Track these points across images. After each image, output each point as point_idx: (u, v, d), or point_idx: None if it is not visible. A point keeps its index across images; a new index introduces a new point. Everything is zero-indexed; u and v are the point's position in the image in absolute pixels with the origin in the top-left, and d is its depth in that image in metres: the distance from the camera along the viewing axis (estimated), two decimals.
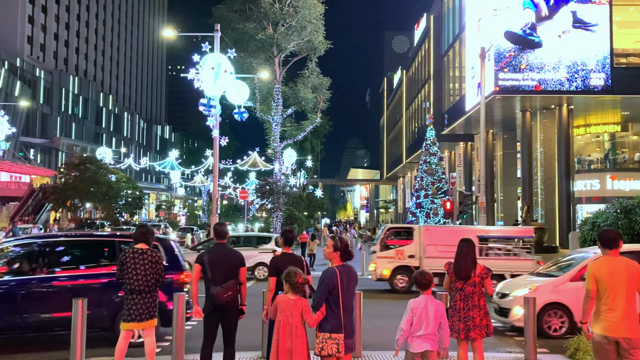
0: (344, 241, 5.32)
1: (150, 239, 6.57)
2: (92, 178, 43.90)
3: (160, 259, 6.53)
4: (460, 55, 36.63)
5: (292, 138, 37.48)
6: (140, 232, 6.56)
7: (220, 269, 6.24)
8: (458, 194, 21.28)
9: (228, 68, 22.73)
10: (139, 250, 6.35)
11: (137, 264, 6.29)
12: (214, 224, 21.48)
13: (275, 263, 6.35)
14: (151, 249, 6.50)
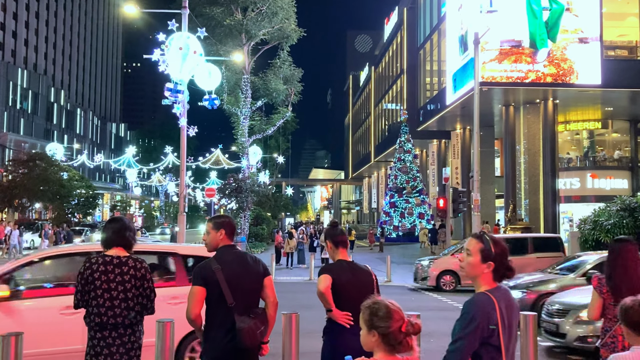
0: (500, 245, 2.97)
1: (130, 239, 4.13)
2: (42, 176, 40.64)
3: (148, 272, 4.08)
4: (439, 47, 35.07)
5: (261, 133, 35.13)
6: (113, 230, 4.09)
7: (241, 287, 3.90)
8: (452, 190, 19.52)
9: (198, 49, 20.33)
10: (113, 260, 3.98)
11: (110, 281, 3.90)
12: (179, 224, 19.01)
13: (337, 283, 4.12)
14: (133, 256, 4.11)
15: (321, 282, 4.12)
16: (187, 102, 21.28)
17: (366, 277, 4.24)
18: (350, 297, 3.97)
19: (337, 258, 4.31)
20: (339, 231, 4.38)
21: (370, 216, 71.69)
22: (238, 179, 32.38)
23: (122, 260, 3.96)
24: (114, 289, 3.87)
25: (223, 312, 3.82)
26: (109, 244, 4.05)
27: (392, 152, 48.97)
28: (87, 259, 3.98)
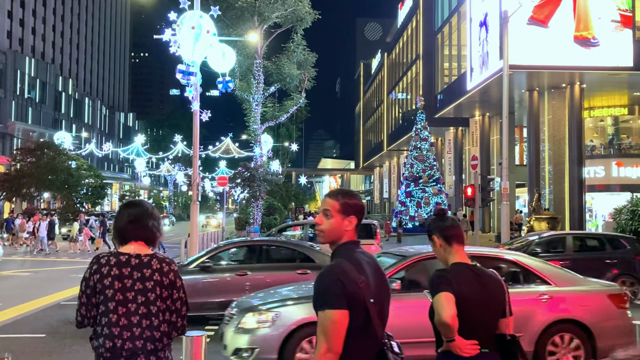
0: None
1: (155, 231, 2.93)
2: (50, 164, 39.83)
3: (178, 277, 2.90)
4: (459, 30, 33.75)
5: (273, 120, 34.04)
6: (131, 217, 2.89)
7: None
8: (480, 178, 18.40)
9: (211, 29, 19.22)
10: (131, 260, 2.83)
11: (126, 290, 2.77)
12: (192, 214, 17.98)
13: (459, 298, 2.82)
14: (158, 254, 2.92)
15: (444, 306, 2.78)
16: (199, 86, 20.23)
17: (497, 288, 2.96)
18: (477, 317, 2.82)
19: (453, 260, 3.00)
20: (450, 221, 3.10)
21: (381, 206, 70.60)
22: (250, 167, 31.35)
23: (143, 261, 2.79)
24: (132, 301, 2.73)
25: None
26: (124, 236, 2.86)
27: (406, 140, 47.77)
28: (95, 258, 2.85)
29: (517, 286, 6.84)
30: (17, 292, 13.24)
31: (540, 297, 6.74)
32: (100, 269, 2.76)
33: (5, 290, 13.59)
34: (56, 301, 11.74)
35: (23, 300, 11.85)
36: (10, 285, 14.74)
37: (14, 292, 13.24)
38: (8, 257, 22.41)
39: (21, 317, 9.99)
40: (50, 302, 11.66)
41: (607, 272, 12.53)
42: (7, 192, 39.66)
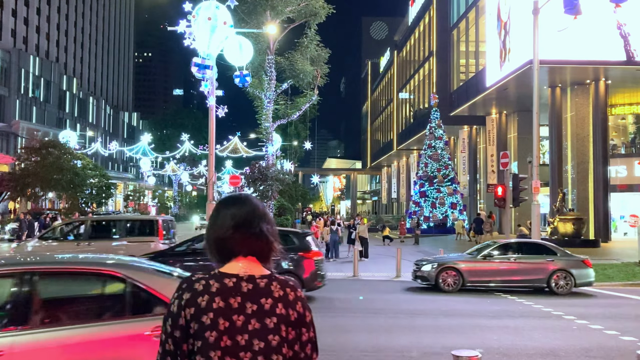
0: None
1: (270, 239, 1.93)
2: (56, 164, 38.92)
3: (307, 308, 1.91)
4: (477, 25, 32.83)
5: (285, 117, 33.15)
6: (237, 221, 1.90)
7: None
8: (512, 177, 17.48)
9: (228, 20, 18.37)
10: (241, 285, 1.85)
11: (236, 330, 1.79)
12: (209, 211, 17.12)
13: None
14: (277, 275, 1.93)
15: None
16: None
17: None
18: None
19: None
20: None
21: (389, 206, 69.69)
22: (262, 166, 30.45)
23: (259, 286, 1.86)
24: (246, 348, 1.78)
25: None
26: (227, 249, 1.91)
27: (418, 139, 46.87)
28: (186, 282, 1.89)
29: None
30: None
31: None
32: (195, 300, 1.82)
33: None
34: None
35: None
36: None
37: None
38: None
39: None
40: None
41: None
42: (12, 192, 38.81)
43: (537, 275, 13.85)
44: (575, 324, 10.21)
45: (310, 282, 11.92)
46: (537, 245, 15.17)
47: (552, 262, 13.95)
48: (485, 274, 14.00)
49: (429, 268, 14.21)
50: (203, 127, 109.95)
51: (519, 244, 15.48)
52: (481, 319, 10.65)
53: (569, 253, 14.62)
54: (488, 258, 14.23)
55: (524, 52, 25.17)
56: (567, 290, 13.72)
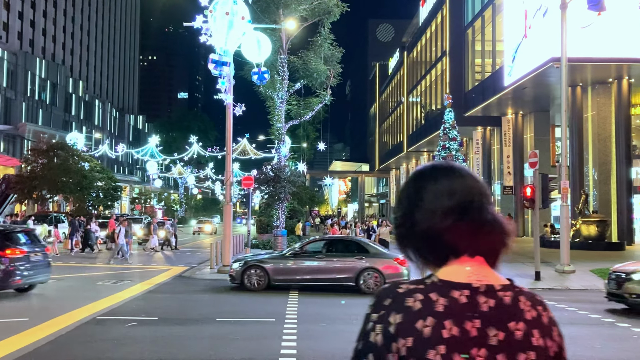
0: None
1: (507, 229, 1.23)
2: (63, 166, 38.41)
3: (562, 335, 1.21)
4: (494, 24, 32.17)
5: (298, 118, 32.48)
6: (459, 202, 1.22)
7: None
8: (541, 177, 16.80)
9: (246, 15, 17.77)
10: (478, 298, 1.18)
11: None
12: (225, 216, 16.46)
13: None
14: (519, 287, 1.21)
15: None
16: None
17: None
18: None
19: None
20: None
21: None
22: (275, 167, 29.80)
23: (502, 302, 1.17)
24: None
25: None
26: (446, 247, 1.23)
27: (429, 141, 46.13)
28: (391, 293, 1.19)
29: None
30: (43, 304, 11.78)
31: None
32: (413, 326, 1.14)
33: (34, 300, 12.12)
34: (90, 315, 10.23)
35: (51, 313, 10.35)
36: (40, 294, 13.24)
37: (41, 304, 11.78)
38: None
39: (55, 337, 8.46)
40: (83, 316, 10.15)
41: None
42: (19, 194, 38.31)
43: (346, 274, 13.81)
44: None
45: None
46: (350, 243, 15.23)
47: (362, 260, 13.88)
48: (292, 272, 14.12)
49: (236, 266, 14.22)
50: (209, 130, 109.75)
51: (332, 241, 15.59)
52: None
53: (382, 251, 14.58)
54: (298, 256, 14.31)
55: (544, 50, 24.52)
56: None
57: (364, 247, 14.47)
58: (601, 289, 15.21)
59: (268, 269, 13.89)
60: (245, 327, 9.49)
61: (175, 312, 10.91)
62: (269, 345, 8.10)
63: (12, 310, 10.97)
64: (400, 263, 13.89)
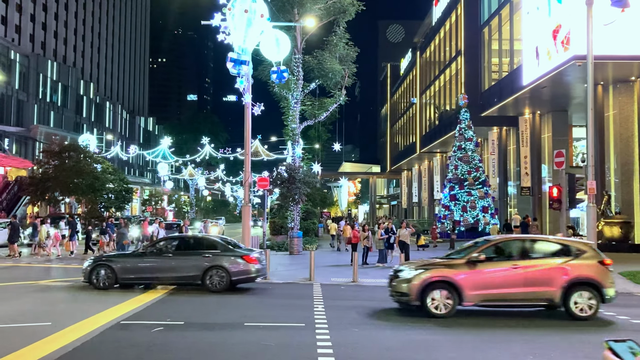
0: None
1: None
2: (75, 167, 38.23)
3: None
4: (511, 22, 31.69)
5: (312, 119, 32.17)
6: None
7: None
8: (568, 177, 16.37)
9: (265, 13, 17.47)
10: None
11: None
12: (244, 217, 16.15)
13: None
14: None
15: None
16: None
17: None
18: None
19: None
20: None
21: (410, 211, 68.43)
22: (290, 168, 29.48)
23: None
24: None
25: None
26: None
27: (443, 142, 45.68)
28: None
29: None
30: (65, 308, 11.49)
31: None
32: None
33: (51, 305, 11.83)
34: (114, 320, 9.92)
35: (74, 317, 10.05)
36: (56, 298, 12.96)
37: (63, 307, 11.49)
38: None
39: (81, 343, 8.15)
40: (107, 320, 9.84)
41: None
42: (32, 196, 38.20)
43: (193, 272, 13.82)
44: None
45: None
46: (200, 241, 15.18)
47: (209, 258, 13.91)
48: (140, 271, 14.23)
49: (86, 265, 14.35)
50: (219, 132, 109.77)
51: (183, 239, 15.67)
52: None
53: (232, 249, 14.44)
54: (147, 255, 14.51)
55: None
56: (223, 286, 13.68)
57: (213, 245, 14.53)
58: (634, 292, 14.79)
59: (116, 268, 14.05)
60: (276, 333, 9.14)
61: (200, 316, 10.58)
62: (306, 353, 7.75)
63: (33, 314, 10.69)
64: (248, 260, 14.02)
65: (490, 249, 11.27)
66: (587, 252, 11.01)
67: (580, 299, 10.59)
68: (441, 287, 10.66)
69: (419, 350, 8.12)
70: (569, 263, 10.84)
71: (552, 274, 10.67)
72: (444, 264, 11.18)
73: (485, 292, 10.69)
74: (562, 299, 10.58)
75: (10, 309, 11.13)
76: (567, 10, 23.53)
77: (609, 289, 10.67)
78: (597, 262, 10.88)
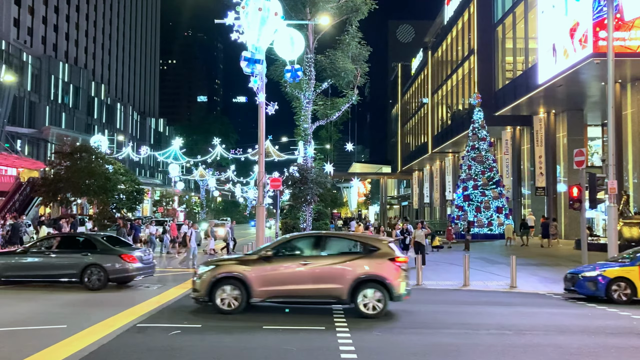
0: None
1: None
2: (87, 168, 38.21)
3: None
4: (526, 20, 31.31)
5: (324, 119, 31.89)
6: None
7: None
8: (588, 176, 16.04)
9: (279, 11, 17.25)
10: None
11: None
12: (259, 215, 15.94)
13: None
14: None
15: None
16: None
17: None
18: None
19: None
20: None
21: (421, 211, 68.03)
22: (303, 168, 29.28)
23: None
24: None
25: None
26: None
27: (455, 142, 45.31)
28: None
29: None
30: (80, 310, 11.35)
31: None
32: None
33: (62, 307, 11.68)
34: (130, 322, 9.74)
35: (89, 320, 9.89)
36: (66, 300, 12.81)
37: (78, 310, 11.34)
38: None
39: (98, 347, 7.97)
40: (123, 323, 9.66)
41: None
42: (44, 197, 38.24)
43: (71, 270, 14.18)
44: None
45: None
46: (80, 240, 15.49)
47: (87, 256, 14.28)
48: (18, 269, 14.62)
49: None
50: (229, 132, 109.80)
51: (65, 237, 16.01)
52: None
53: (110, 248, 14.65)
54: (26, 254, 14.91)
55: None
56: (99, 284, 14.04)
57: (93, 244, 14.82)
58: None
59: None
60: (297, 336, 8.92)
61: (217, 319, 10.36)
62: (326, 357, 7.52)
63: (48, 316, 10.55)
64: (125, 259, 14.25)
65: (285, 246, 11.47)
66: (380, 250, 10.96)
67: (367, 296, 10.58)
68: (230, 283, 10.67)
69: (447, 355, 7.87)
70: (359, 260, 10.83)
71: (340, 271, 10.66)
72: (236, 260, 11.31)
73: (274, 288, 10.70)
74: (350, 296, 10.53)
75: (22, 311, 10.99)
76: (585, 8, 23.15)
77: (397, 286, 10.60)
78: (388, 259, 10.76)
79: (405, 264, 10.99)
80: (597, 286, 13.18)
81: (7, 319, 10.10)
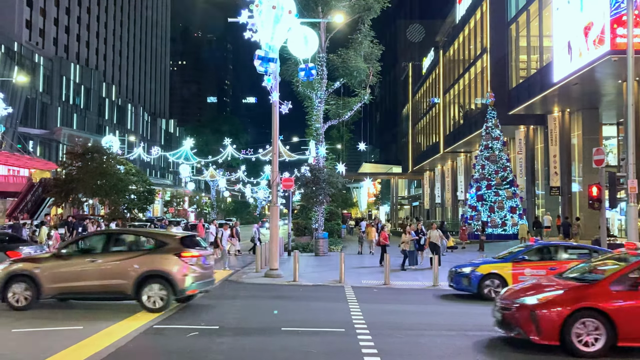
0: None
1: None
2: (99, 169, 38.30)
3: None
4: (540, 18, 30.93)
5: (336, 118, 31.72)
6: None
7: None
8: (608, 175, 15.75)
9: (293, 9, 17.10)
10: None
11: None
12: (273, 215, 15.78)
13: None
14: None
15: None
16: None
17: None
18: None
19: None
20: None
21: (432, 212, 67.64)
22: (315, 168, 29.10)
23: None
24: None
25: None
26: None
27: (467, 141, 44.91)
28: None
29: None
30: (95, 311, 11.23)
31: None
32: None
33: (76, 307, 11.58)
34: (147, 323, 9.60)
35: (105, 321, 9.76)
36: None
37: (92, 310, 11.23)
38: None
39: (116, 349, 7.83)
40: (140, 324, 9.53)
41: None
42: (56, 198, 38.37)
43: None
44: None
45: None
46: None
47: None
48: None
49: None
50: (240, 133, 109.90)
51: None
52: None
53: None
54: None
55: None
56: None
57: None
58: None
59: None
60: (317, 338, 8.74)
61: (234, 320, 10.22)
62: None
63: (63, 316, 10.44)
64: (9, 255, 13.92)
65: (78, 244, 11.94)
66: (168, 245, 11.08)
67: (152, 291, 10.66)
68: (22, 280, 10.90)
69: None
70: (145, 256, 11.00)
71: (126, 266, 10.81)
72: (32, 258, 11.66)
73: (62, 285, 10.90)
74: (134, 292, 10.64)
75: (38, 311, 10.89)
76: (601, 4, 22.79)
77: (181, 281, 10.68)
78: (174, 254, 10.85)
79: (194, 259, 11.08)
80: (470, 282, 13.20)
81: (25, 317, 10.01)
